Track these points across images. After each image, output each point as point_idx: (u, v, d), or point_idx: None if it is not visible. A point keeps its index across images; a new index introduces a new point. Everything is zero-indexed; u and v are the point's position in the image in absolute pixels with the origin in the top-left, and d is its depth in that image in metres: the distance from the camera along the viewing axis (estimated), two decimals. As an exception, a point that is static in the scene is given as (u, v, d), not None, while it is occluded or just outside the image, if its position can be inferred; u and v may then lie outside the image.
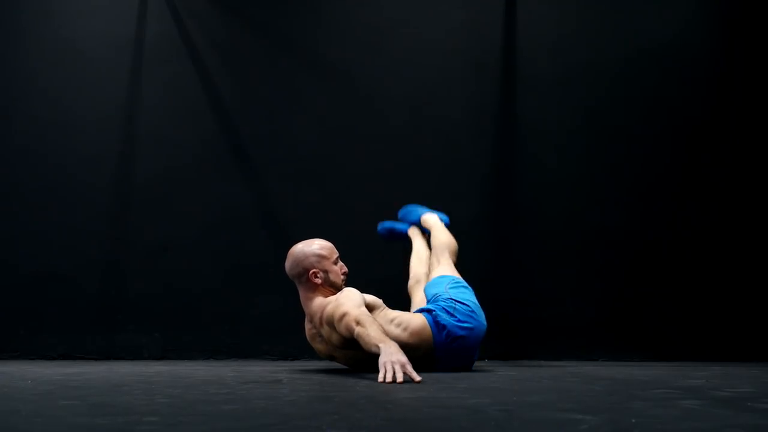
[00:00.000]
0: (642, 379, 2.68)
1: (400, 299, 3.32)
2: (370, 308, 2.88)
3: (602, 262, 4.13)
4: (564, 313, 4.07)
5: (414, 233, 3.67)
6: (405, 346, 2.86)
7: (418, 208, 3.69)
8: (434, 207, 3.67)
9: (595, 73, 4.24)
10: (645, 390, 2.19)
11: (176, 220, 4.05)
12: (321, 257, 2.99)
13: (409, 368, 2.36)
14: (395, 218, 4.05)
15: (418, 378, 2.32)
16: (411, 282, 3.45)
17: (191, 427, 1.41)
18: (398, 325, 2.92)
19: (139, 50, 4.14)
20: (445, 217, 3.62)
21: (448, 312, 2.96)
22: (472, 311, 3.01)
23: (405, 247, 3.70)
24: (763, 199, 4.18)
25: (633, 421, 1.49)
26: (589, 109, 4.23)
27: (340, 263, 3.05)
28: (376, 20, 4.27)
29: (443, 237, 3.46)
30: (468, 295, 3.10)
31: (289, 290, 3.10)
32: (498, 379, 2.58)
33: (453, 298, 3.03)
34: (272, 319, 3.95)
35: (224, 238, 4.05)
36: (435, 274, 3.28)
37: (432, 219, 3.61)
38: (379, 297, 3.06)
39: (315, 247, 3.02)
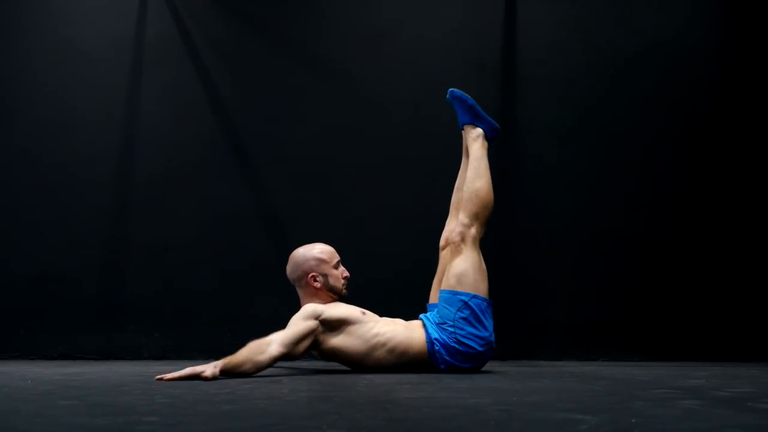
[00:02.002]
0: (642, 379, 2.68)
1: (400, 300, 3.31)
2: (343, 322, 2.85)
3: (602, 262, 4.13)
4: (564, 313, 4.06)
5: (468, 138, 3.23)
6: (401, 367, 2.88)
7: (464, 111, 3.22)
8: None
9: (595, 73, 4.24)
10: (645, 390, 2.19)
11: (176, 220, 4.05)
12: (321, 261, 2.99)
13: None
14: (393, 218, 4.05)
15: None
16: (442, 241, 3.17)
17: (191, 427, 1.42)
18: (391, 351, 2.85)
19: (139, 50, 4.15)
20: (490, 127, 3.20)
21: (450, 352, 2.86)
22: (478, 353, 2.87)
23: (407, 240, 3.69)
24: (763, 199, 4.18)
25: (633, 421, 1.49)
26: (589, 109, 4.23)
27: (342, 268, 3.04)
28: (376, 20, 4.27)
29: (476, 184, 3.07)
30: (478, 329, 2.87)
31: (289, 290, 3.10)
32: (498, 379, 2.58)
33: (458, 336, 2.86)
34: (272, 319, 3.93)
35: (224, 238, 4.05)
36: (454, 273, 2.94)
37: (472, 139, 3.19)
38: (380, 297, 3.06)
39: (315, 251, 3.02)
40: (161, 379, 2.48)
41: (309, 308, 2.85)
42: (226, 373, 2.54)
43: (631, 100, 4.24)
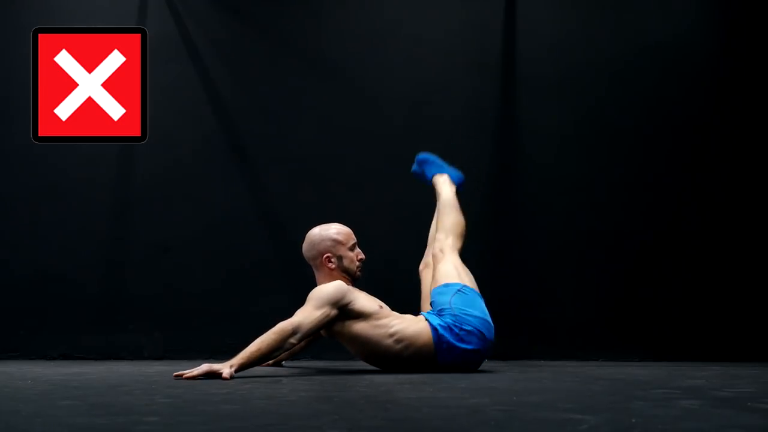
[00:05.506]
0: (642, 379, 2.68)
1: (400, 300, 3.31)
2: (361, 315, 2.86)
3: (602, 262, 4.12)
4: (564, 313, 4.06)
5: (437, 184, 3.46)
6: (407, 360, 2.87)
7: (431, 166, 3.49)
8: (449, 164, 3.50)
9: (595, 73, 4.23)
10: (645, 390, 2.19)
11: (176, 220, 4.05)
12: (336, 242, 3.01)
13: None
14: (393, 218, 4.06)
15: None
16: (421, 265, 3.32)
17: (191, 427, 1.42)
18: (399, 341, 2.85)
19: (139, 50, 4.14)
20: (455, 175, 3.45)
21: (453, 333, 2.85)
22: (479, 331, 2.87)
23: (408, 248, 3.69)
24: (763, 199, 4.18)
25: (633, 421, 1.49)
26: (589, 109, 4.22)
27: (357, 250, 3.05)
28: (376, 20, 4.27)
29: (450, 215, 3.28)
30: (474, 309, 2.92)
31: (289, 290, 3.10)
32: (498, 379, 2.58)
33: (458, 315, 2.88)
34: (272, 319, 3.92)
35: (224, 238, 4.05)
36: (441, 275, 3.08)
37: (441, 183, 3.43)
38: (379, 298, 3.05)
39: (332, 231, 3.04)
40: (179, 376, 2.50)
41: (337, 290, 2.84)
42: (242, 368, 2.61)
43: (631, 100, 4.24)
